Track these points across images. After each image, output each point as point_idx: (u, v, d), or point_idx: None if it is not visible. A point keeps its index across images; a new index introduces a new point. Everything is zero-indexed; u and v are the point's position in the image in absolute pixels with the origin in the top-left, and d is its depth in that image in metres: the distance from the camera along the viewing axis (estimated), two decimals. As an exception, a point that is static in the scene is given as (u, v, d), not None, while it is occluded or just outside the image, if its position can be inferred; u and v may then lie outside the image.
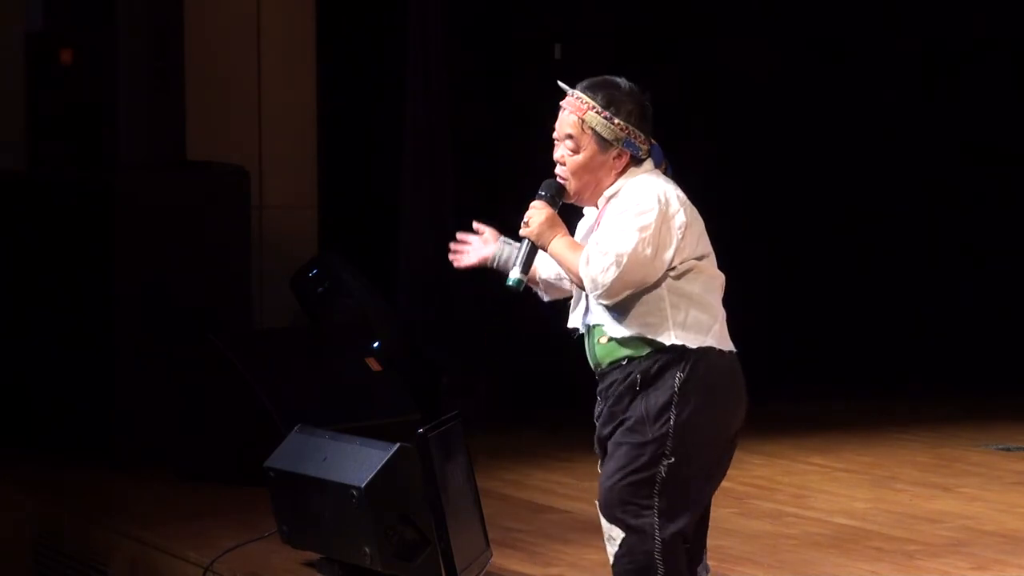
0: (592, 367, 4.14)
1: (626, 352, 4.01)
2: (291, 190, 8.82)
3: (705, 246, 4.04)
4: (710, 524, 4.26)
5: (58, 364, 7.78)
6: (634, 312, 3.98)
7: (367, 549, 5.15)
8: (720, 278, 4.08)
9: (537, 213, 4.08)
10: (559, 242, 4.04)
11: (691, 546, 4.09)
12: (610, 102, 4.06)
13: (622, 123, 4.05)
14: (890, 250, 10.55)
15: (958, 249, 10.64)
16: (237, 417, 7.05)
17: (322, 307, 7.89)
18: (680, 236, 3.96)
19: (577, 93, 4.10)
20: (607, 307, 4.01)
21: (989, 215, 10.66)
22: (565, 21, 9.85)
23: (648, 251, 3.92)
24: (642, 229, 3.93)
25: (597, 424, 4.13)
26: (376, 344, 7.63)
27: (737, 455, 4.19)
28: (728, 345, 4.04)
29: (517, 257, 4.09)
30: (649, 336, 3.97)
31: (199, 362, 7.33)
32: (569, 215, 4.19)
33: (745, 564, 5.72)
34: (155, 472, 7.30)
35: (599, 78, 4.13)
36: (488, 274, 4.38)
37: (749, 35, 10.16)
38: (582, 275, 3.97)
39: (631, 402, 4.00)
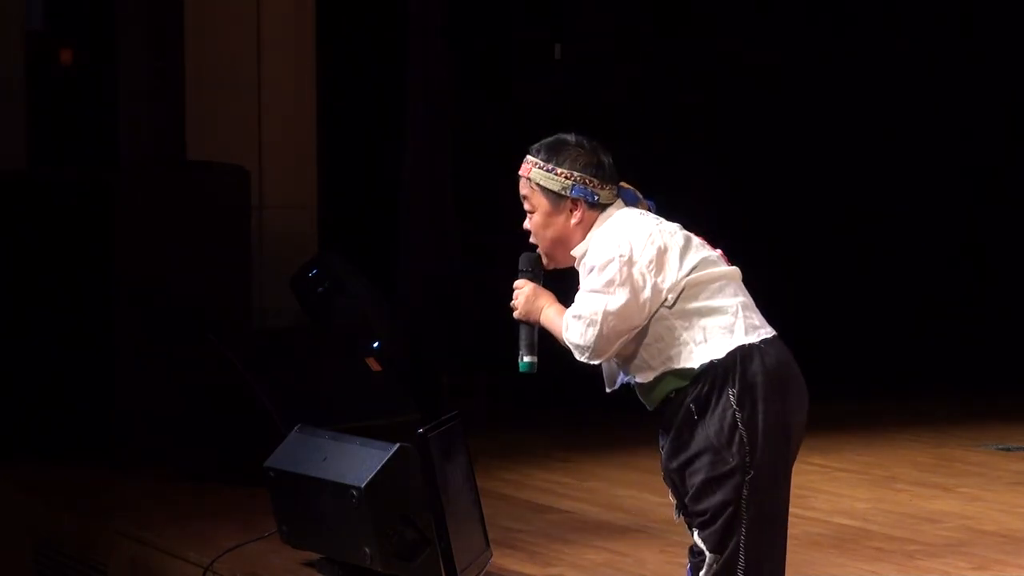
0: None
1: (670, 387, 4.00)
2: (291, 190, 8.83)
3: (693, 258, 4.00)
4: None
5: (58, 364, 7.78)
6: (653, 351, 3.98)
7: (367, 549, 5.15)
8: (725, 276, 4.03)
9: (520, 293, 4.11)
10: (546, 314, 4.07)
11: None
12: (551, 156, 4.07)
13: (565, 171, 4.03)
14: (890, 250, 10.55)
15: (958, 249, 10.64)
16: (237, 417, 7.05)
17: (322, 307, 7.88)
18: (652, 274, 3.94)
19: (527, 155, 4.12)
20: (626, 361, 4.00)
21: (989, 215, 10.66)
22: (565, 21, 9.84)
23: (621, 301, 3.91)
24: (608, 282, 3.93)
25: (662, 455, 4.10)
26: (376, 344, 7.63)
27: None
28: (762, 334, 4.00)
29: (520, 343, 4.11)
30: (676, 367, 3.96)
31: (199, 362, 7.33)
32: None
33: (745, 564, 5.71)
34: (155, 472, 7.29)
35: (550, 137, 4.13)
36: (488, 274, 4.38)
37: (749, 35, 10.16)
38: (567, 344, 4.00)
39: (692, 433, 3.97)
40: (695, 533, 4.05)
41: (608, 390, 4.16)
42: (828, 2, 10.38)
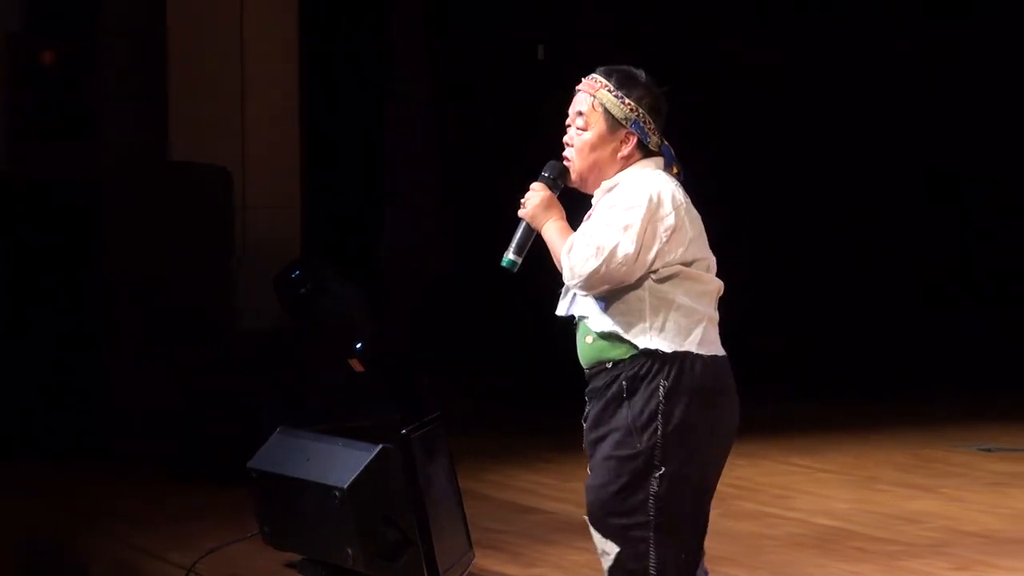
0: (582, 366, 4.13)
1: (610, 355, 3.99)
2: (274, 191, 8.82)
3: (698, 251, 4.01)
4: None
5: (54, 363, 7.78)
6: (615, 309, 3.98)
7: (349, 550, 5.14)
8: (713, 284, 4.03)
9: (534, 195, 4.08)
10: (551, 226, 4.04)
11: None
12: (623, 84, 4.07)
13: (633, 104, 4.04)
14: (890, 250, 10.58)
15: (958, 249, 10.66)
16: (226, 418, 7.05)
17: (305, 308, 7.88)
18: (665, 239, 3.94)
19: (593, 75, 4.12)
20: (592, 298, 4.01)
21: (988, 215, 10.69)
22: (564, 21, 9.83)
23: (630, 249, 3.91)
24: (627, 226, 3.92)
25: (584, 426, 4.11)
26: (359, 345, 7.63)
27: (720, 456, 4.15)
28: (713, 350, 4.00)
29: (512, 238, 4.09)
30: (625, 336, 3.96)
31: (185, 363, 7.33)
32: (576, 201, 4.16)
33: (727, 565, 5.73)
34: (150, 473, 7.30)
35: (618, 66, 4.14)
36: (479, 276, 4.36)
37: (749, 35, 10.18)
38: (562, 262, 3.97)
39: (617, 410, 3.98)
40: (593, 532, 4.01)
41: (557, 312, 4.13)
42: (828, 2, 10.40)
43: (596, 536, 4.03)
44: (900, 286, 10.55)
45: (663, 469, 3.92)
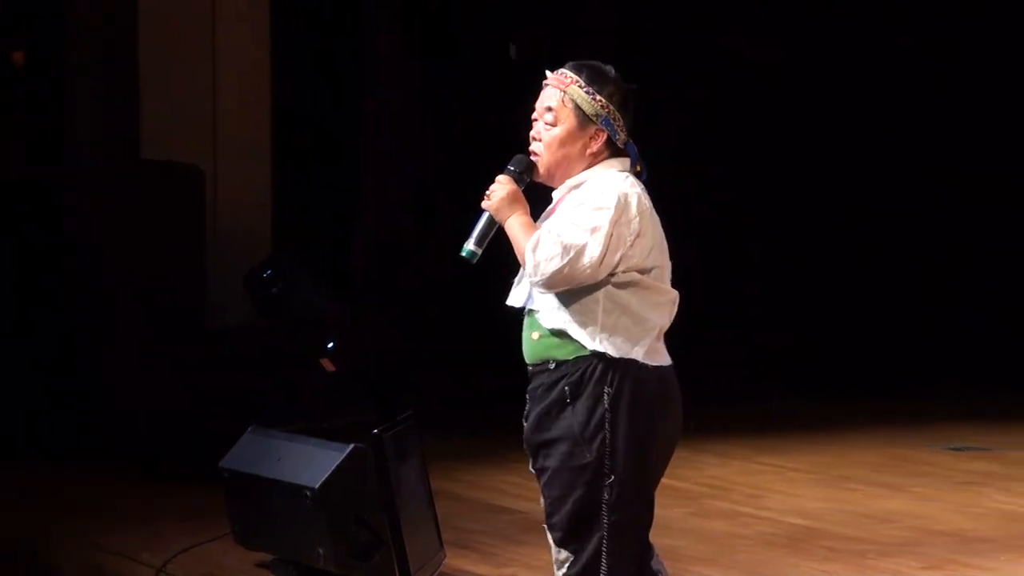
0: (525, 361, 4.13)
1: (555, 354, 3.99)
2: (246, 189, 8.81)
3: (656, 259, 3.99)
4: (661, 524, 4.25)
5: (45, 363, 7.78)
6: (568, 307, 3.97)
7: (321, 550, 5.14)
8: (668, 294, 4.03)
9: (500, 188, 4.05)
10: (515, 220, 4.02)
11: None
12: (594, 80, 4.06)
13: (603, 100, 4.03)
14: (895, 247, 10.61)
15: (961, 248, 10.70)
16: (226, 416, 7.04)
17: (276, 307, 7.88)
18: (629, 243, 3.93)
19: (562, 70, 4.10)
20: (546, 294, 4.00)
21: (993, 212, 10.72)
22: (569, 18, 9.81)
23: (596, 252, 3.90)
24: (595, 228, 3.91)
25: (525, 425, 4.11)
26: (330, 344, 7.62)
27: (692, 455, 4.17)
28: (659, 360, 4.00)
29: (474, 229, 4.06)
30: (573, 335, 3.95)
31: (187, 362, 7.34)
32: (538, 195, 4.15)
33: (699, 564, 5.75)
34: (155, 473, 7.29)
35: (586, 61, 4.12)
36: (457, 275, 4.32)
37: (754, 32, 10.19)
38: (527, 258, 3.95)
39: (560, 414, 3.98)
40: (551, 541, 4.04)
41: (510, 302, 4.11)
42: (832, -1, 10.44)
43: (553, 547, 4.05)
44: (905, 283, 10.58)
45: (612, 477, 3.93)
